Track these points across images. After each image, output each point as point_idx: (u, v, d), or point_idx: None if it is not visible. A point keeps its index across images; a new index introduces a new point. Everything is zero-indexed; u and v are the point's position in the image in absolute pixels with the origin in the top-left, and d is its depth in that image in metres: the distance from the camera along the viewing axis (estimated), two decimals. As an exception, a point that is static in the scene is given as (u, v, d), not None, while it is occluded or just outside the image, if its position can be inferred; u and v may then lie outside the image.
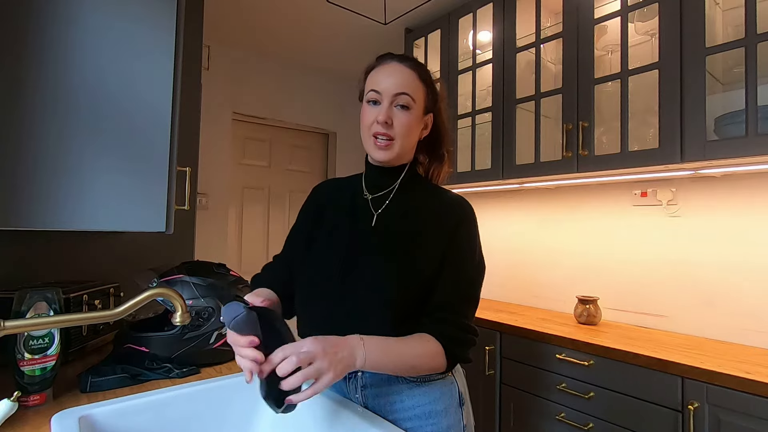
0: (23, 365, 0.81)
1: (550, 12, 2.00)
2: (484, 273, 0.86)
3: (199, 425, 0.84)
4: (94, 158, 0.85)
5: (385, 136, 0.81)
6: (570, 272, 1.99)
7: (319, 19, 2.42)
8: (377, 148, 0.82)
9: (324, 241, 0.87)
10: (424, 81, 0.84)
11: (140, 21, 0.91)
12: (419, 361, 0.74)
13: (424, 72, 0.86)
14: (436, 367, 0.77)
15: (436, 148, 0.93)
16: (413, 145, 0.87)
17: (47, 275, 1.31)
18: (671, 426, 1.25)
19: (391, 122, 0.81)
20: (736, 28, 1.45)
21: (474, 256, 0.83)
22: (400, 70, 0.82)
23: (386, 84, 0.81)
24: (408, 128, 0.82)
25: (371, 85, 0.83)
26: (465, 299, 0.81)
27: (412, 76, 0.82)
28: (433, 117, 0.89)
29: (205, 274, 1.10)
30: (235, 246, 2.93)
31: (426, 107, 0.86)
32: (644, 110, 1.64)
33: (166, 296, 0.75)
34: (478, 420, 1.73)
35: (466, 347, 0.80)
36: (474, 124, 2.09)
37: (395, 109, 0.81)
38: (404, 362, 0.73)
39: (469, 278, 0.82)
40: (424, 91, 0.84)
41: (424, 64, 0.89)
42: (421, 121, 0.86)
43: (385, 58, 0.85)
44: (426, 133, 0.89)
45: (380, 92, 0.81)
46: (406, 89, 0.81)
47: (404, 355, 0.73)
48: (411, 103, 0.81)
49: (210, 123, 2.69)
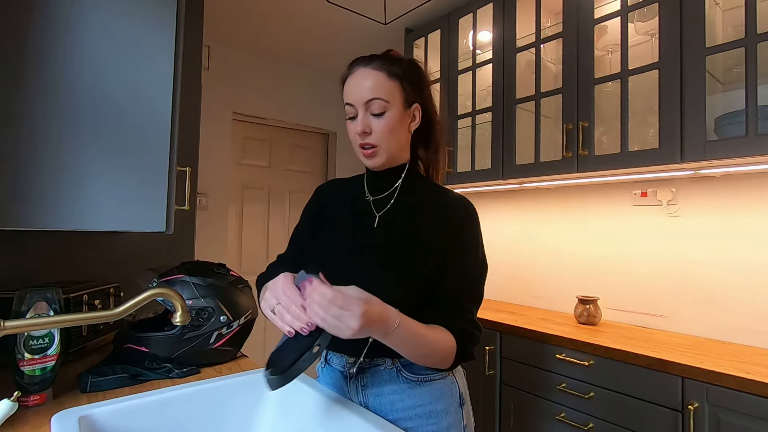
0: (23, 365, 0.81)
1: (550, 12, 2.00)
2: (487, 272, 0.86)
3: (199, 425, 0.84)
4: (94, 158, 0.85)
5: (368, 145, 0.81)
6: (570, 272, 1.99)
7: (319, 19, 2.42)
8: (365, 157, 0.83)
9: (327, 242, 0.87)
10: (396, 76, 0.81)
11: (140, 21, 0.91)
12: (436, 350, 0.74)
13: (395, 66, 0.82)
14: (445, 360, 0.76)
15: (430, 137, 0.90)
16: (403, 142, 0.85)
17: (47, 275, 1.31)
18: (671, 426, 1.25)
19: (370, 130, 0.80)
20: (736, 28, 1.45)
21: (477, 255, 0.83)
22: (367, 75, 0.80)
23: (355, 94, 0.80)
24: (388, 131, 0.81)
25: (345, 97, 0.83)
26: (470, 297, 0.81)
27: (380, 77, 0.80)
28: (420, 105, 0.86)
29: (205, 274, 1.10)
30: (235, 246, 2.93)
31: (407, 100, 0.83)
32: (644, 110, 1.64)
33: (166, 296, 0.75)
34: (478, 420, 1.73)
35: (473, 344, 0.80)
36: (474, 124, 2.09)
37: (371, 117, 0.80)
38: (423, 350, 0.72)
39: (474, 277, 0.82)
40: (398, 87, 0.81)
41: (396, 56, 0.85)
42: (405, 116, 0.83)
43: (353, 65, 0.83)
44: (417, 124, 0.86)
45: (352, 104, 0.81)
46: (376, 94, 0.79)
47: (425, 343, 0.72)
48: (385, 106, 0.80)
49: (210, 123, 2.69)
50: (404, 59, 0.85)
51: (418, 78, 0.86)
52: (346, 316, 0.60)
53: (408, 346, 0.70)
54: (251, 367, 1.07)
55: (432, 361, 0.76)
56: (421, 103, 0.86)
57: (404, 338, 0.68)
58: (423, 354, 0.73)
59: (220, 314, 1.07)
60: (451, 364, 0.78)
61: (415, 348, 0.71)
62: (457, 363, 0.79)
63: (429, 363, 0.76)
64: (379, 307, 0.64)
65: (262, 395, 0.92)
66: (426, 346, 0.72)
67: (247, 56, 2.89)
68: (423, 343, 0.71)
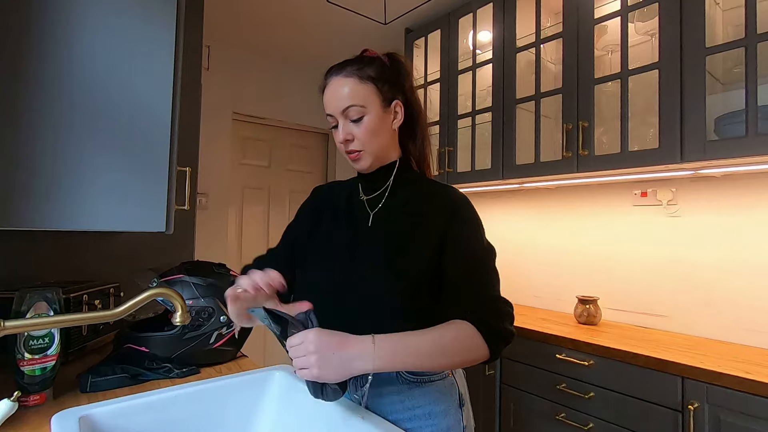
0: (23, 365, 0.81)
1: (550, 12, 2.00)
2: (496, 254, 0.83)
3: (199, 425, 0.84)
4: (94, 158, 0.85)
5: (353, 151, 0.83)
6: (570, 272, 1.99)
7: (319, 19, 2.42)
8: (353, 162, 0.85)
9: (323, 243, 0.88)
10: (369, 79, 0.80)
11: (140, 20, 0.91)
12: (451, 347, 0.69)
13: (368, 67, 0.81)
14: (475, 349, 0.71)
15: (415, 130, 0.90)
16: (388, 142, 0.85)
17: (47, 275, 1.31)
18: (671, 426, 1.25)
19: (352, 137, 0.82)
20: (736, 28, 1.45)
21: (478, 238, 0.82)
22: (340, 83, 0.80)
23: (332, 105, 0.82)
24: (369, 134, 0.81)
25: (324, 108, 0.84)
26: (482, 275, 0.78)
27: (352, 83, 0.80)
28: (402, 101, 0.85)
29: (205, 274, 1.10)
30: (235, 246, 2.93)
31: (385, 99, 0.82)
32: (644, 110, 1.64)
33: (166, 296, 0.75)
34: (478, 420, 1.73)
35: (500, 319, 0.74)
36: (474, 124, 2.09)
37: (351, 124, 0.81)
38: (431, 352, 0.68)
39: (478, 255, 0.80)
40: (373, 89, 0.81)
41: (370, 56, 0.84)
42: (386, 115, 0.83)
43: (327, 75, 0.84)
44: (400, 121, 0.86)
45: (331, 114, 0.82)
46: (350, 101, 0.79)
47: (428, 345, 0.68)
48: (362, 111, 0.80)
49: (210, 123, 2.68)
50: (378, 57, 0.84)
51: (396, 73, 0.85)
52: (302, 361, 0.64)
53: (410, 356, 0.67)
54: (251, 367, 1.07)
55: (463, 358, 0.71)
56: (401, 99, 0.85)
57: (398, 350, 0.67)
58: (436, 354, 0.69)
59: (220, 314, 1.07)
60: (489, 350, 0.72)
61: (420, 355, 0.68)
62: (496, 344, 0.73)
63: (462, 362, 0.72)
64: (338, 336, 0.66)
65: (262, 395, 0.92)
66: (433, 347, 0.69)
67: (247, 56, 2.89)
68: (425, 345, 0.68)
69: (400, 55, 0.88)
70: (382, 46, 0.93)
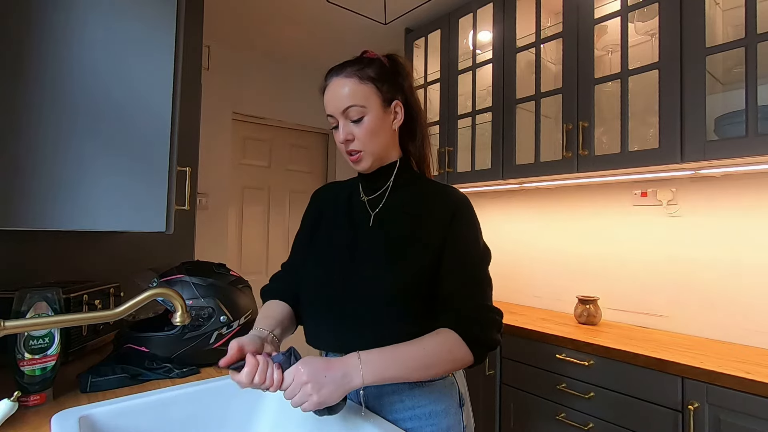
0: (23, 365, 0.81)
1: (550, 12, 2.00)
2: (491, 257, 0.84)
3: (199, 425, 0.84)
4: (94, 158, 0.85)
5: (353, 151, 0.83)
6: (570, 272, 1.99)
7: (319, 19, 2.42)
8: (353, 163, 0.85)
9: (324, 243, 0.88)
10: (369, 79, 0.81)
11: (140, 21, 0.91)
12: (435, 359, 0.72)
13: (368, 68, 0.82)
14: (460, 359, 0.73)
15: (415, 130, 0.90)
16: (388, 142, 0.85)
17: (47, 275, 1.31)
18: (671, 426, 1.25)
19: (352, 137, 0.82)
20: (736, 28, 1.45)
21: (476, 241, 0.82)
22: (340, 83, 0.81)
23: (332, 105, 0.82)
24: (369, 135, 0.81)
25: (325, 109, 0.84)
26: (476, 282, 0.79)
27: (352, 83, 0.80)
28: (402, 101, 0.85)
29: (205, 274, 1.10)
30: (235, 246, 2.93)
31: (385, 100, 0.82)
32: (644, 110, 1.64)
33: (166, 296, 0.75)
34: (478, 420, 1.73)
35: (487, 328, 0.76)
36: (474, 124, 2.09)
37: (351, 124, 0.81)
38: (417, 365, 0.71)
39: (474, 262, 0.81)
40: (373, 89, 0.81)
41: (370, 57, 0.84)
42: (386, 115, 0.83)
43: (327, 76, 0.84)
44: (400, 121, 0.86)
45: (332, 115, 0.82)
46: (350, 102, 0.79)
47: (412, 358, 0.70)
48: (362, 111, 0.80)
49: (210, 123, 2.69)
50: (378, 58, 0.85)
51: (396, 73, 0.85)
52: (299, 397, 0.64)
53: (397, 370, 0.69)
54: (251, 367, 1.07)
55: (447, 367, 0.74)
56: (401, 99, 0.86)
57: (385, 365, 0.68)
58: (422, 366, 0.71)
59: (220, 314, 1.07)
60: (472, 358, 0.75)
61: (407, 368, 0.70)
62: (479, 353, 0.75)
63: (445, 370, 0.75)
64: (323, 360, 0.67)
65: (262, 395, 0.92)
66: (419, 359, 0.71)
67: (247, 56, 2.90)
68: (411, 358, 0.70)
69: (400, 56, 0.88)
70: (382, 46, 0.93)
